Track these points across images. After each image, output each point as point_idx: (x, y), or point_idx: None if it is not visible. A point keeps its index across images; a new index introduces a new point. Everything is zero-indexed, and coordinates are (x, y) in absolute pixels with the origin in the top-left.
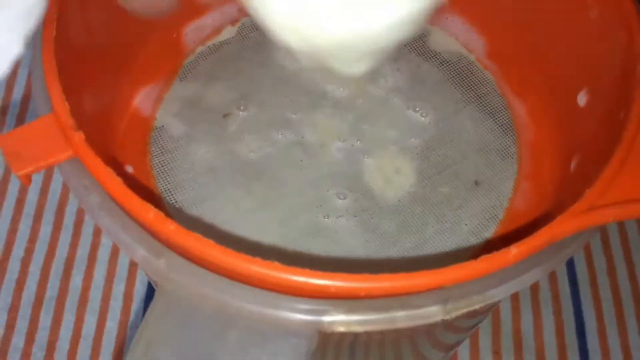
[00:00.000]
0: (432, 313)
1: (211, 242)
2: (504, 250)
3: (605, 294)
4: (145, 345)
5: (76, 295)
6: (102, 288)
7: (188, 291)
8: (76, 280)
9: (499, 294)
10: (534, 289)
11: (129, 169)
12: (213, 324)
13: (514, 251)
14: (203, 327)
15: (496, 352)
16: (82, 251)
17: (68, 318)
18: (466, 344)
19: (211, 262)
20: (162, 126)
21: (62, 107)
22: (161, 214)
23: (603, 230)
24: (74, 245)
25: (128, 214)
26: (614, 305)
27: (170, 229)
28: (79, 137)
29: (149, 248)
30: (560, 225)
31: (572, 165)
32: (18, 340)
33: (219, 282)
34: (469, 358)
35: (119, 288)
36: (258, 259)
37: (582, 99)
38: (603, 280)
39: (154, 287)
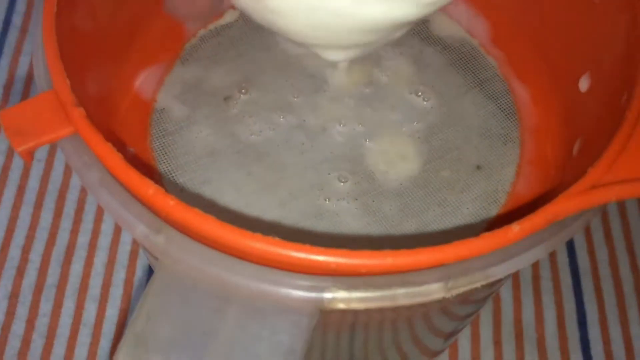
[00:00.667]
0: (434, 290)
1: (211, 217)
2: (505, 228)
3: (607, 284)
4: (145, 319)
5: (76, 283)
6: (103, 275)
7: (187, 267)
8: (76, 268)
9: (501, 271)
10: (535, 278)
11: (130, 151)
12: (212, 300)
13: (516, 229)
14: (202, 303)
15: (497, 342)
16: (83, 238)
17: (68, 305)
18: (467, 333)
19: (211, 238)
20: (163, 109)
21: (63, 83)
22: (161, 190)
23: (605, 220)
24: (74, 233)
25: (128, 190)
26: (615, 295)
27: (170, 204)
28: (79, 112)
29: (149, 224)
30: (563, 203)
31: (575, 149)
32: (18, 327)
33: (219, 258)
34: (470, 348)
35: (119, 275)
36: (258, 235)
37: (583, 84)
38: (605, 271)
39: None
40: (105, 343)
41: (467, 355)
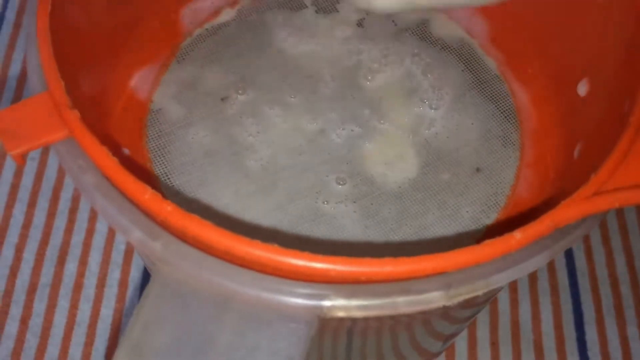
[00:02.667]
0: (434, 298)
1: (209, 223)
2: (507, 235)
3: (604, 285)
4: (142, 327)
5: (71, 282)
6: (97, 275)
7: (185, 274)
8: (71, 267)
9: (502, 279)
10: (533, 279)
11: (126, 152)
12: (210, 307)
13: (518, 236)
14: (200, 310)
15: (494, 343)
16: (77, 237)
17: (62, 305)
18: (464, 335)
19: (209, 244)
20: (160, 109)
21: (57, 85)
22: (158, 195)
23: (602, 222)
24: (68, 232)
25: (124, 194)
26: (612, 296)
27: (167, 210)
28: (74, 115)
29: (145, 230)
30: (566, 210)
31: (576, 153)
32: (12, 327)
33: (217, 265)
34: (467, 349)
35: (114, 275)
36: (257, 242)
37: (582, 89)
38: (602, 272)
39: (150, 274)
40: (99, 343)
41: (464, 357)
